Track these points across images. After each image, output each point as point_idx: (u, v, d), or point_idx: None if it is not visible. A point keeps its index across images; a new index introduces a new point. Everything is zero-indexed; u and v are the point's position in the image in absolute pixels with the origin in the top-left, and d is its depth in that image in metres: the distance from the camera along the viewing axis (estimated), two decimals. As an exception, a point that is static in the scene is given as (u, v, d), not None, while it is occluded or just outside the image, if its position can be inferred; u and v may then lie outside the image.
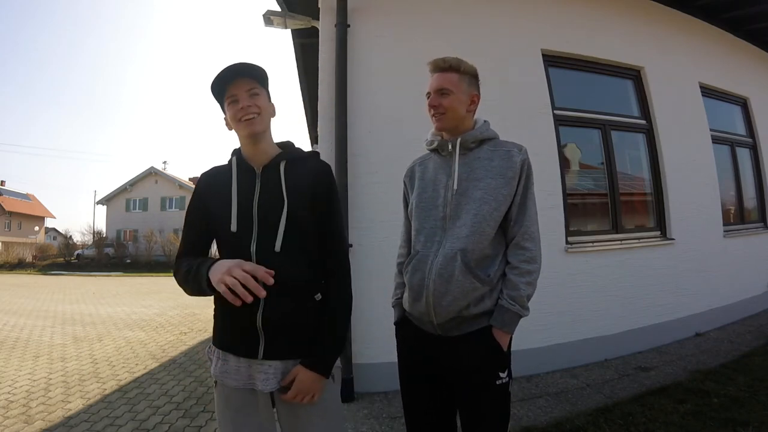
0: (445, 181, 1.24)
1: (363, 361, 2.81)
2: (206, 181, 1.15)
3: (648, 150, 3.93)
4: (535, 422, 2.31)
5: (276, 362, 1.04)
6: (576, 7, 3.69)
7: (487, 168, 1.21)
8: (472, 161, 1.23)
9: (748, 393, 2.47)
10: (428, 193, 1.27)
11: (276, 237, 1.03)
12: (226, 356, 1.08)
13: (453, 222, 1.19)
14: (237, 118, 1.07)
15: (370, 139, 2.99)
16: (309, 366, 1.03)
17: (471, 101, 1.26)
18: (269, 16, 3.53)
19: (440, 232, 1.21)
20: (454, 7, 3.30)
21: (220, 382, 1.09)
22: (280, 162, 1.11)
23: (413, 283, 1.21)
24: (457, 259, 1.14)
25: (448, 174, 1.24)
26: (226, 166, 1.15)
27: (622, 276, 3.46)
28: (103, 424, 2.65)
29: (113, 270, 21.80)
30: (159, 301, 9.33)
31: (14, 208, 34.14)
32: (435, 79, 1.26)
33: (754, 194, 4.98)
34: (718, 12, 4.36)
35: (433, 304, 1.16)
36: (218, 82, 1.08)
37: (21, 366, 4.07)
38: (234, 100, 1.08)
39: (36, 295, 10.96)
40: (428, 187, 1.28)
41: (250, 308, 0.99)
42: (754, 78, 5.02)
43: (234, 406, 1.07)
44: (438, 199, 1.24)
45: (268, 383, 1.03)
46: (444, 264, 1.16)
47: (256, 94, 1.09)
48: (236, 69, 1.07)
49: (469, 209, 1.18)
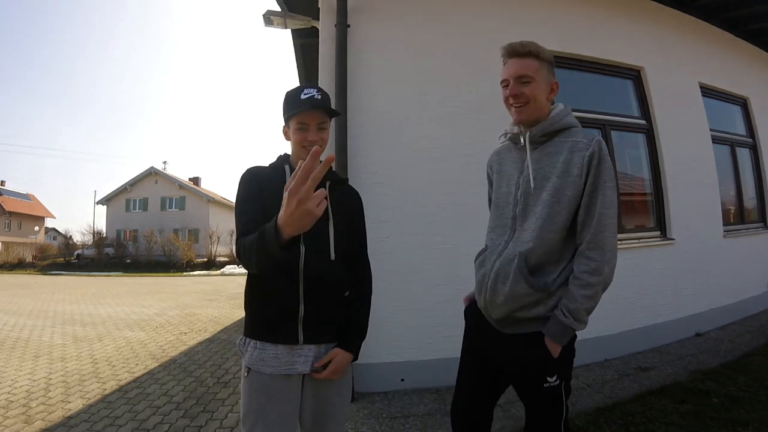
0: (516, 177, 1.21)
1: (363, 361, 2.79)
2: (259, 178, 1.23)
3: (648, 150, 3.93)
4: (535, 422, 2.31)
5: (313, 346, 1.19)
6: (576, 7, 3.69)
7: (554, 165, 1.11)
8: (543, 156, 1.15)
9: (748, 393, 2.47)
10: (503, 189, 1.25)
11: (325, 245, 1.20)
12: (264, 345, 1.17)
13: (521, 223, 1.17)
14: (302, 145, 1.18)
15: (370, 139, 2.98)
16: (345, 348, 1.21)
17: (551, 90, 1.18)
18: (269, 16, 3.53)
19: (509, 231, 1.20)
20: (454, 8, 3.30)
21: (254, 370, 1.16)
22: (326, 182, 1.25)
23: (477, 277, 1.26)
24: (515, 263, 1.13)
25: (520, 170, 1.20)
26: (272, 170, 1.25)
27: (622, 276, 3.44)
28: (103, 424, 2.65)
29: (113, 270, 21.78)
30: (159, 301, 9.33)
31: (14, 208, 34.14)
32: (513, 66, 1.16)
33: (754, 194, 4.98)
34: (718, 12, 4.36)
35: (488, 301, 1.20)
36: (294, 105, 1.18)
37: (21, 366, 4.06)
38: (303, 128, 1.18)
39: (36, 295, 10.95)
40: (503, 182, 1.26)
41: (293, 304, 1.16)
42: (754, 78, 5.02)
43: (267, 392, 1.15)
44: (509, 196, 1.21)
45: (305, 365, 1.18)
46: (501, 266, 1.16)
47: (323, 129, 1.21)
48: (315, 102, 1.18)
49: (534, 212, 1.13)
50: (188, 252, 22.79)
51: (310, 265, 1.16)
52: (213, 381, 3.49)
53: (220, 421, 2.68)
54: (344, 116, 2.91)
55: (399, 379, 2.85)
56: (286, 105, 1.22)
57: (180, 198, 29.39)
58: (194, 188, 30.56)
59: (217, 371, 3.76)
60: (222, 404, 2.96)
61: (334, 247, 1.21)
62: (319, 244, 1.19)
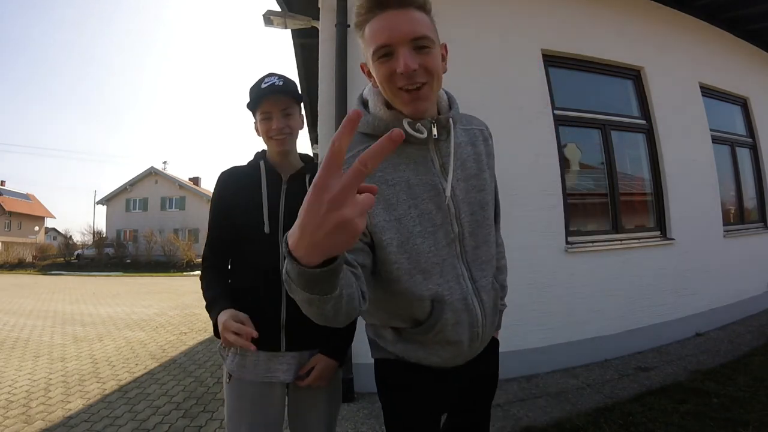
0: (436, 182, 0.82)
1: (363, 361, 2.80)
2: (231, 182, 1.20)
3: (648, 150, 3.93)
4: (535, 422, 2.31)
5: (295, 353, 1.15)
6: (576, 7, 3.69)
7: (474, 158, 0.88)
8: (456, 149, 0.85)
9: (748, 393, 2.47)
10: (422, 203, 0.80)
11: None
12: (243, 351, 1.13)
13: (468, 241, 0.85)
14: (269, 135, 1.16)
15: (370, 139, 2.98)
16: (329, 354, 1.16)
17: (442, 58, 0.80)
18: (269, 16, 3.53)
19: (457, 260, 0.84)
20: (454, 7, 3.29)
21: (235, 376, 1.14)
22: (306, 174, 1.20)
23: (453, 339, 0.85)
24: (495, 286, 0.92)
25: (435, 172, 0.82)
26: (250, 168, 1.21)
27: (622, 276, 3.46)
28: (103, 424, 2.65)
29: (113, 270, 21.78)
30: (159, 301, 9.33)
31: (14, 208, 34.15)
32: (395, 22, 0.72)
33: (754, 194, 4.98)
34: (718, 12, 4.37)
35: (479, 347, 0.91)
36: (255, 96, 1.15)
37: (21, 366, 4.06)
38: (268, 117, 1.15)
39: (36, 295, 10.95)
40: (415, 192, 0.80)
41: (273, 308, 1.12)
42: (754, 78, 5.02)
43: (250, 399, 1.12)
44: (435, 212, 0.81)
45: (288, 373, 1.14)
46: (488, 299, 0.88)
47: (289, 114, 1.17)
48: (274, 88, 1.13)
49: (477, 218, 0.86)
50: (188, 252, 22.82)
51: None
52: (213, 381, 3.49)
53: (220, 421, 2.68)
54: (344, 116, 2.91)
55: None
56: (249, 98, 1.18)
57: (180, 198, 29.39)
58: (194, 188, 30.58)
59: (217, 371, 3.76)
60: (222, 404, 2.95)
61: None
62: None
